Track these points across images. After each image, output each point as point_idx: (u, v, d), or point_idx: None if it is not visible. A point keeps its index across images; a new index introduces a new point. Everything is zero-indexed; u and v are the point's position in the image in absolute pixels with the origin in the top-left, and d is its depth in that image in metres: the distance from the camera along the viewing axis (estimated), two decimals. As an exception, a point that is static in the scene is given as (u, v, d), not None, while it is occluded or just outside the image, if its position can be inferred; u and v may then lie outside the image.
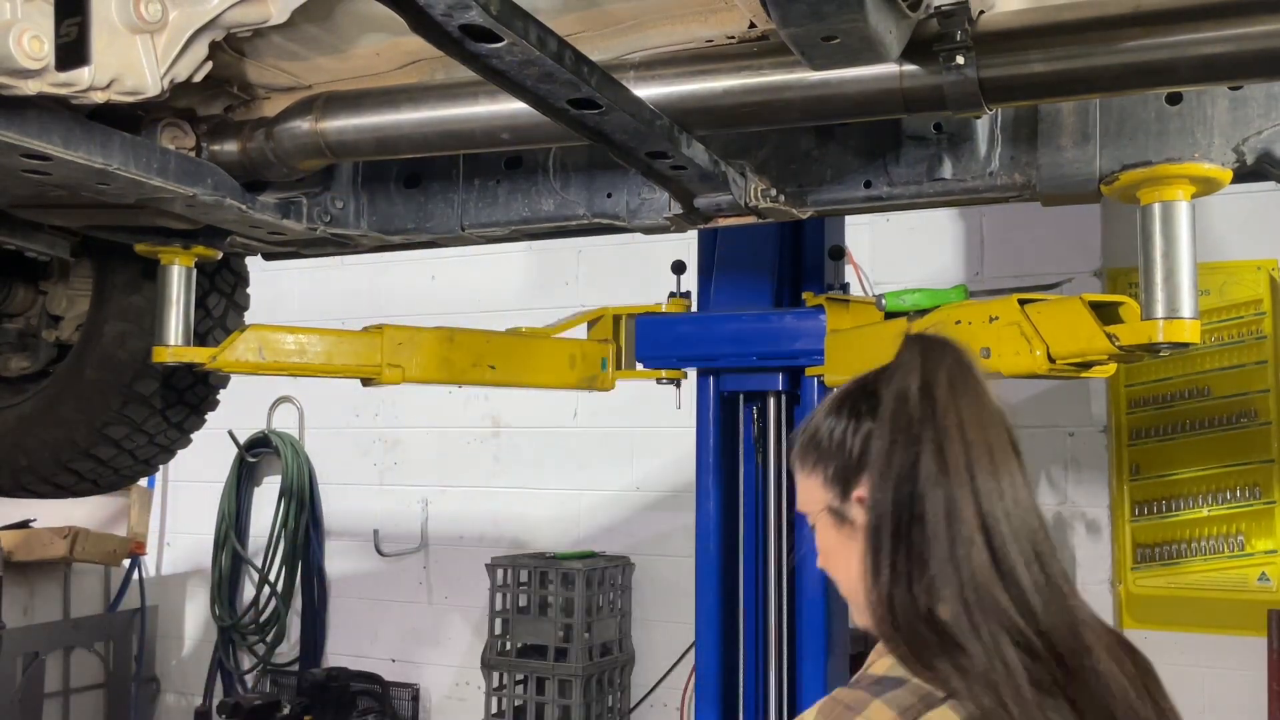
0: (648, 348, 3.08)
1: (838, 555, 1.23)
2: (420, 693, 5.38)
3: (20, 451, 2.78)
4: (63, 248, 2.63)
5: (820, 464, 1.25)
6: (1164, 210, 1.82)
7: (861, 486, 1.19)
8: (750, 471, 3.03)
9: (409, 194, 2.43)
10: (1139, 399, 3.95)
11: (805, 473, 1.27)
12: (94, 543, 5.32)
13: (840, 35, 1.34)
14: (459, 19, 1.20)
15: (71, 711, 5.37)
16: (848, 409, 1.24)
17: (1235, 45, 1.46)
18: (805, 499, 1.28)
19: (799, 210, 2.11)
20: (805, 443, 1.27)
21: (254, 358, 2.43)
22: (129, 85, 1.61)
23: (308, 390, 5.68)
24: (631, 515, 5.02)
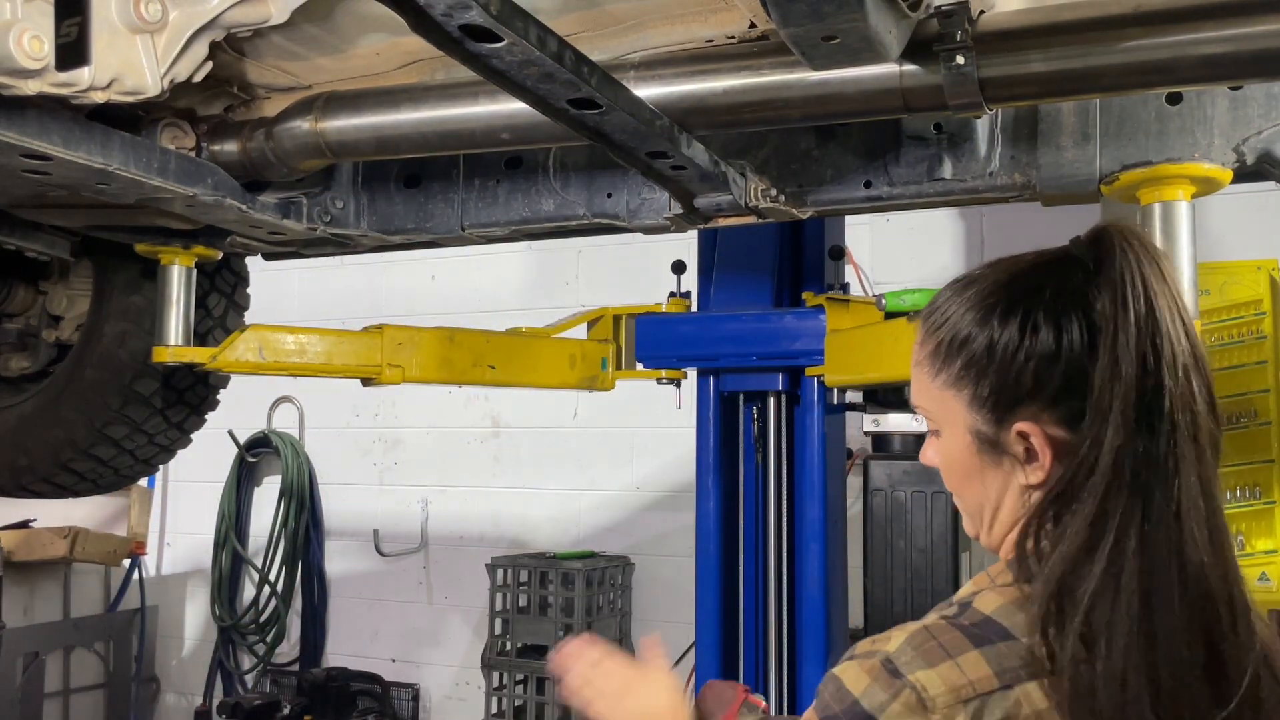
0: (648, 348, 3.08)
1: (974, 479, 1.12)
2: (420, 693, 5.38)
3: (20, 451, 2.78)
4: (63, 248, 2.63)
5: (969, 378, 1.08)
6: (1164, 210, 1.82)
7: (1027, 420, 1.05)
8: (750, 471, 3.03)
9: (409, 194, 2.43)
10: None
11: (942, 381, 1.11)
12: (94, 543, 5.32)
13: (840, 35, 1.34)
14: (459, 19, 1.20)
15: (71, 711, 5.37)
16: (1019, 318, 1.06)
17: (1235, 45, 1.46)
18: (937, 408, 1.14)
19: (799, 210, 2.11)
20: (948, 346, 1.10)
21: (254, 358, 2.43)
22: (129, 85, 1.61)
23: (308, 390, 5.68)
24: (631, 515, 5.01)
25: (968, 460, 1.12)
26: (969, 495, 1.15)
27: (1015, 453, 1.08)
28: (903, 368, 2.52)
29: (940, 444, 1.16)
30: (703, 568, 3.03)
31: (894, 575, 3.22)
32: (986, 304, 1.10)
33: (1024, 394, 1.06)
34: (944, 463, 1.16)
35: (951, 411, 1.12)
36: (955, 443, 1.13)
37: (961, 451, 1.12)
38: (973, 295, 1.12)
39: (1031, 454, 1.07)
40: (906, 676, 0.99)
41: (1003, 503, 1.11)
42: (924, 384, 1.15)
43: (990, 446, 1.10)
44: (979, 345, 1.08)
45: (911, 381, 1.18)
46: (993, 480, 1.11)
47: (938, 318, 1.14)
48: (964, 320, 1.10)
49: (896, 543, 3.12)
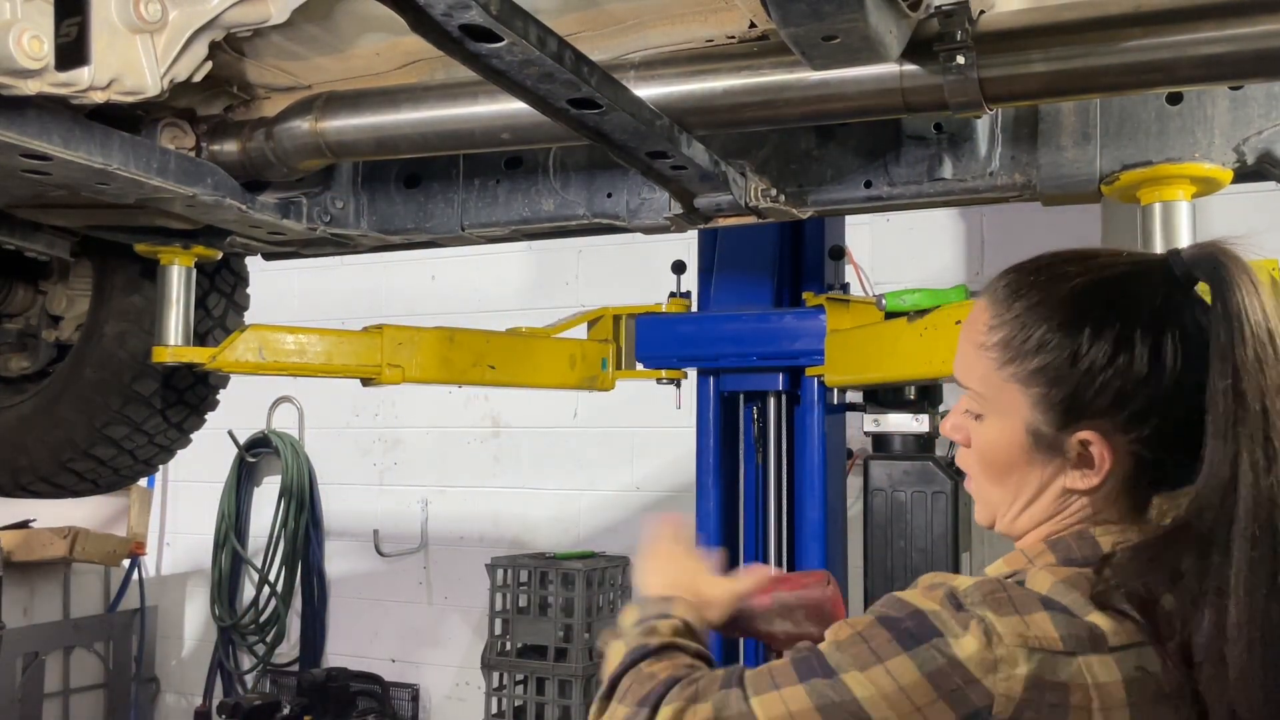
0: (648, 348, 3.08)
1: (1014, 472, 1.10)
2: (420, 693, 5.37)
3: (20, 451, 2.78)
4: (62, 248, 2.63)
5: (1042, 380, 1.06)
6: (1164, 210, 1.81)
7: (1092, 429, 1.05)
8: (750, 471, 3.03)
9: (409, 194, 2.43)
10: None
11: (1010, 374, 1.08)
12: (94, 543, 5.32)
13: (840, 35, 1.34)
14: (459, 19, 1.20)
15: (71, 712, 5.37)
16: (1112, 334, 1.04)
17: (1236, 45, 1.46)
18: (994, 395, 1.10)
19: (799, 210, 2.11)
20: (1026, 343, 1.07)
21: (254, 358, 2.43)
22: (129, 85, 1.61)
23: (308, 390, 5.68)
24: (631, 515, 5.01)
25: (1013, 454, 1.10)
26: (1000, 485, 1.13)
27: (1069, 456, 1.07)
28: (903, 368, 2.53)
29: (982, 429, 1.13)
30: (703, 568, 3.03)
31: (894, 575, 3.21)
32: (1078, 308, 1.07)
33: (1100, 407, 1.05)
34: (983, 448, 1.13)
35: (1011, 404, 1.09)
36: (1005, 434, 1.10)
37: (1009, 444, 1.10)
38: (1063, 296, 1.08)
39: (1086, 460, 1.07)
40: (974, 611, 0.98)
41: (1039, 499, 1.11)
42: (984, 369, 1.11)
43: (1044, 446, 1.08)
44: (1063, 354, 1.06)
45: (962, 356, 1.15)
46: (1034, 477, 1.10)
47: (1018, 309, 1.09)
48: (1050, 321, 1.07)
49: (897, 543, 3.12)
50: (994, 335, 1.11)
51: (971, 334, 1.14)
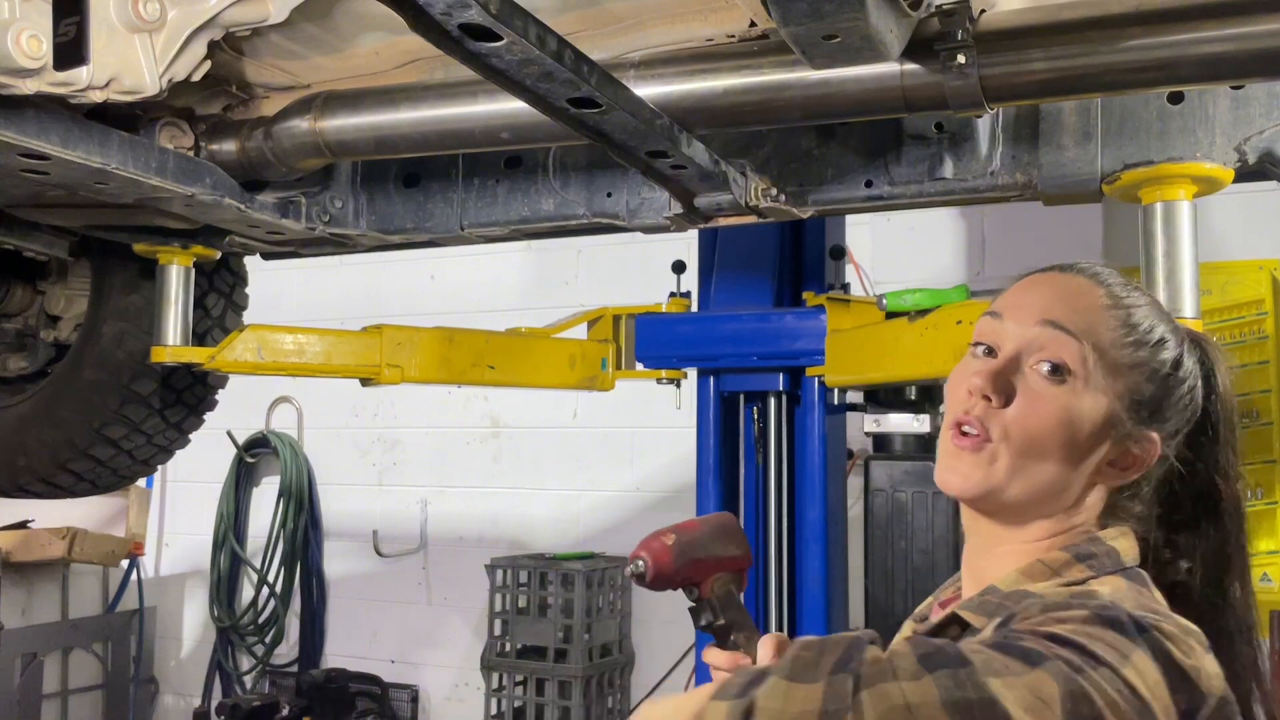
0: (648, 348, 3.08)
1: (1081, 446, 1.07)
2: (419, 694, 5.37)
3: (18, 452, 2.77)
4: (61, 247, 2.63)
5: (1140, 374, 1.08)
6: (1165, 210, 1.81)
7: (1160, 436, 1.10)
8: (750, 472, 3.02)
9: (408, 193, 2.42)
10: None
11: (1122, 355, 1.08)
12: (92, 543, 5.31)
13: (841, 34, 1.34)
14: (458, 18, 1.20)
15: (70, 712, 5.36)
16: (1196, 358, 1.14)
17: (1237, 44, 1.46)
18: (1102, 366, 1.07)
19: (799, 210, 2.11)
20: (1139, 334, 1.09)
21: (253, 358, 2.43)
22: (127, 84, 1.61)
23: (306, 390, 5.67)
24: (631, 515, 5.01)
25: (1086, 433, 1.06)
26: (1058, 461, 1.07)
27: (1130, 449, 1.09)
28: (904, 368, 2.52)
29: (1066, 394, 1.06)
30: (703, 568, 3.02)
31: (895, 576, 3.21)
32: (1177, 332, 1.14)
33: (1169, 418, 1.11)
34: (1066, 417, 1.06)
35: (1109, 383, 1.07)
36: (1087, 408, 1.06)
37: (1092, 421, 1.06)
38: (1164, 312, 1.16)
39: (1130, 458, 1.10)
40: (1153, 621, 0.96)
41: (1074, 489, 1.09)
42: (1108, 338, 1.08)
43: (1115, 433, 1.08)
44: (1167, 356, 1.10)
45: (1079, 310, 1.10)
46: (1087, 460, 1.08)
47: (1137, 299, 1.12)
48: (1166, 324, 1.13)
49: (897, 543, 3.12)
50: (1115, 314, 1.10)
51: (1086, 295, 1.11)
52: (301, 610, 5.62)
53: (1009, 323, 1.11)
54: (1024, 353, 1.08)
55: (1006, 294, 1.15)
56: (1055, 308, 1.09)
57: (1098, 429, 1.07)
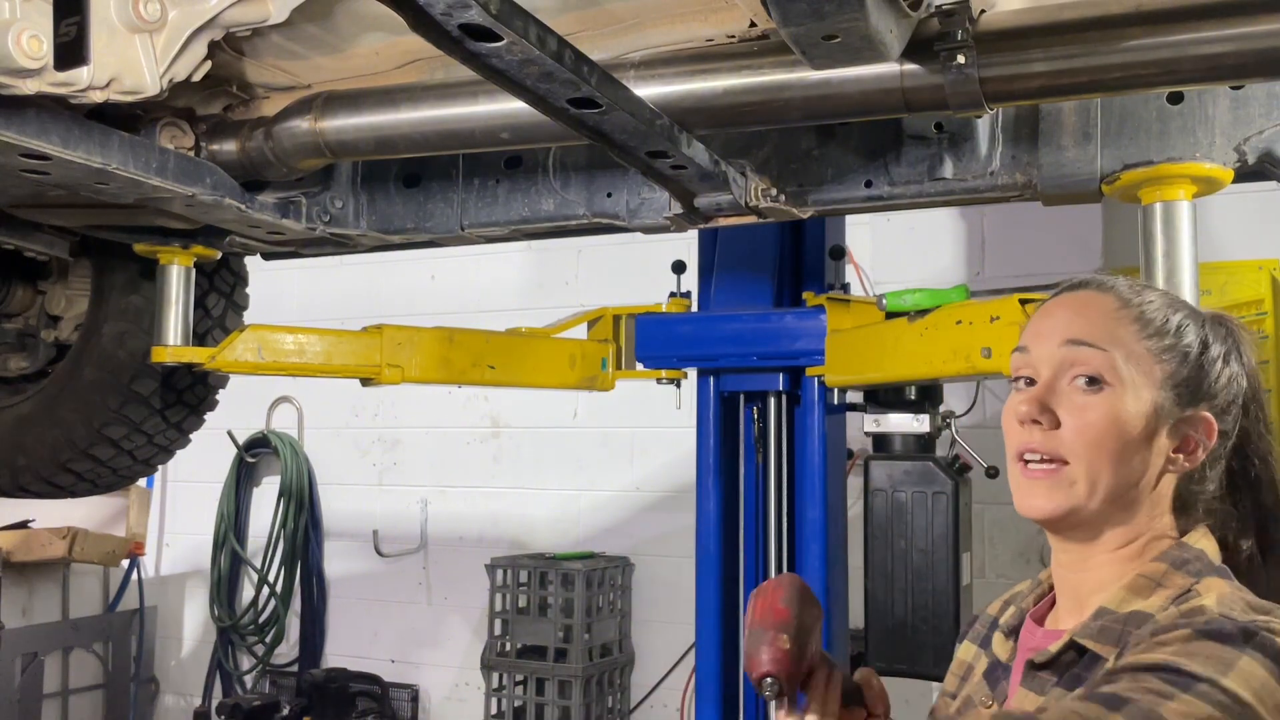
0: (648, 348, 3.07)
1: (1140, 446, 1.12)
2: (420, 693, 5.37)
3: (19, 451, 2.77)
4: (61, 247, 2.63)
5: (1173, 359, 1.14)
6: (1165, 210, 1.81)
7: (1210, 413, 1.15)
8: (750, 471, 3.02)
9: (409, 194, 2.42)
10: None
11: (1148, 347, 1.14)
12: (93, 543, 5.32)
13: (841, 34, 1.34)
14: (459, 18, 1.20)
15: (70, 712, 5.36)
16: (1222, 339, 1.18)
17: (1236, 45, 1.46)
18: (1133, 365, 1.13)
19: (799, 210, 2.11)
20: (1161, 323, 1.15)
21: (253, 358, 2.43)
22: (128, 85, 1.61)
23: (307, 390, 5.67)
24: (631, 515, 5.01)
25: (1140, 427, 1.12)
26: (1121, 464, 1.12)
27: (1187, 433, 1.14)
28: (904, 368, 2.52)
29: (1109, 400, 1.12)
30: (703, 568, 3.03)
31: (895, 576, 3.21)
32: (1197, 315, 1.19)
33: (1210, 394, 1.15)
34: (1116, 418, 1.12)
35: (1147, 376, 1.13)
36: (1134, 405, 1.12)
37: (1139, 415, 1.12)
38: (1176, 299, 1.21)
39: (1192, 443, 1.15)
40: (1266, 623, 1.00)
41: (1148, 485, 1.14)
42: (1129, 338, 1.14)
43: (1168, 421, 1.13)
44: (1197, 340, 1.16)
45: (1092, 322, 1.15)
46: (1151, 454, 1.13)
47: (1149, 298, 1.18)
48: (1182, 311, 1.18)
49: (897, 543, 3.11)
50: (1128, 312, 1.16)
51: (1093, 306, 1.17)
52: (302, 610, 5.62)
53: (1036, 351, 1.17)
54: (1058, 374, 1.15)
55: (1028, 326, 1.21)
56: (1073, 326, 1.16)
57: (1149, 421, 1.12)
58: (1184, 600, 1.08)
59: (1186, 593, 1.08)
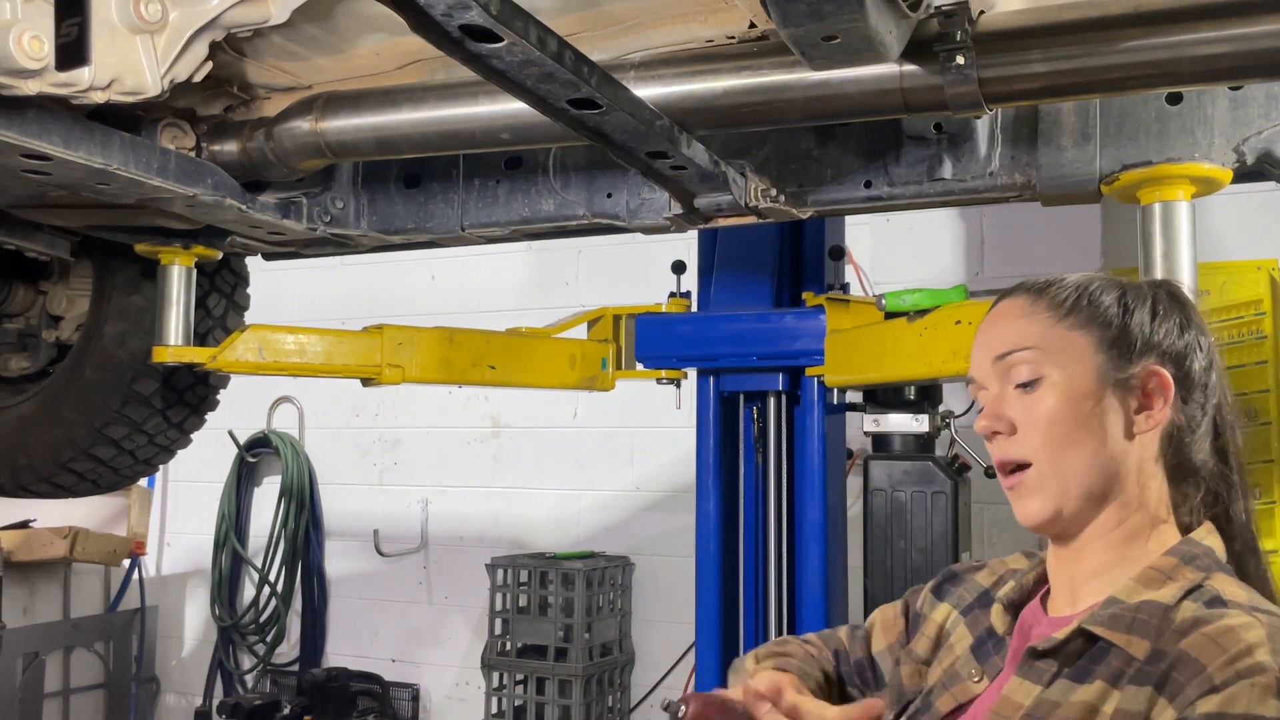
0: (648, 348, 3.08)
1: (1093, 421, 1.13)
2: (420, 693, 5.37)
3: (20, 451, 2.78)
4: (62, 248, 2.63)
5: (1098, 322, 1.15)
6: (1164, 210, 1.82)
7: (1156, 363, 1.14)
8: (750, 471, 3.03)
9: (409, 194, 2.43)
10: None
11: (1070, 323, 1.16)
12: (94, 543, 5.32)
13: (840, 35, 1.34)
14: (459, 19, 1.20)
15: (71, 711, 5.36)
16: (1148, 301, 1.18)
17: (1236, 45, 1.46)
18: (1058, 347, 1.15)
19: (799, 210, 2.11)
20: (1078, 297, 1.17)
21: (254, 358, 2.43)
22: (129, 85, 1.61)
23: (308, 390, 5.68)
24: (631, 515, 5.01)
25: (1086, 402, 1.13)
26: (1076, 447, 1.13)
27: (1135, 390, 1.14)
28: (903, 368, 2.53)
29: (1045, 392, 1.14)
30: (703, 568, 3.03)
31: (894, 575, 3.21)
32: (1111, 282, 1.20)
33: (1150, 346, 1.15)
34: (1051, 409, 1.13)
35: (1075, 350, 1.15)
36: (1074, 381, 1.14)
37: (1081, 391, 1.13)
38: (1092, 277, 1.21)
39: (1149, 399, 1.14)
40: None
41: (1120, 456, 1.13)
42: (1041, 327, 1.17)
43: (1115, 384, 1.14)
44: (1112, 300, 1.17)
45: (1008, 330, 1.18)
46: (1110, 423, 1.13)
47: (1056, 287, 1.19)
48: (1092, 283, 1.19)
49: (896, 543, 3.12)
50: (1040, 303, 1.19)
51: (1009, 313, 1.20)
52: (303, 610, 5.63)
53: (978, 374, 1.22)
54: (1002, 387, 1.18)
55: (972, 357, 1.24)
56: (996, 342, 1.19)
57: (1094, 388, 1.14)
58: (1198, 595, 1.07)
59: (1198, 587, 1.08)
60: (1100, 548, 1.15)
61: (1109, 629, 1.08)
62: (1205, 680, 0.98)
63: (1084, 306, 1.16)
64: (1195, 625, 1.03)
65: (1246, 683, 0.96)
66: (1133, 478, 1.14)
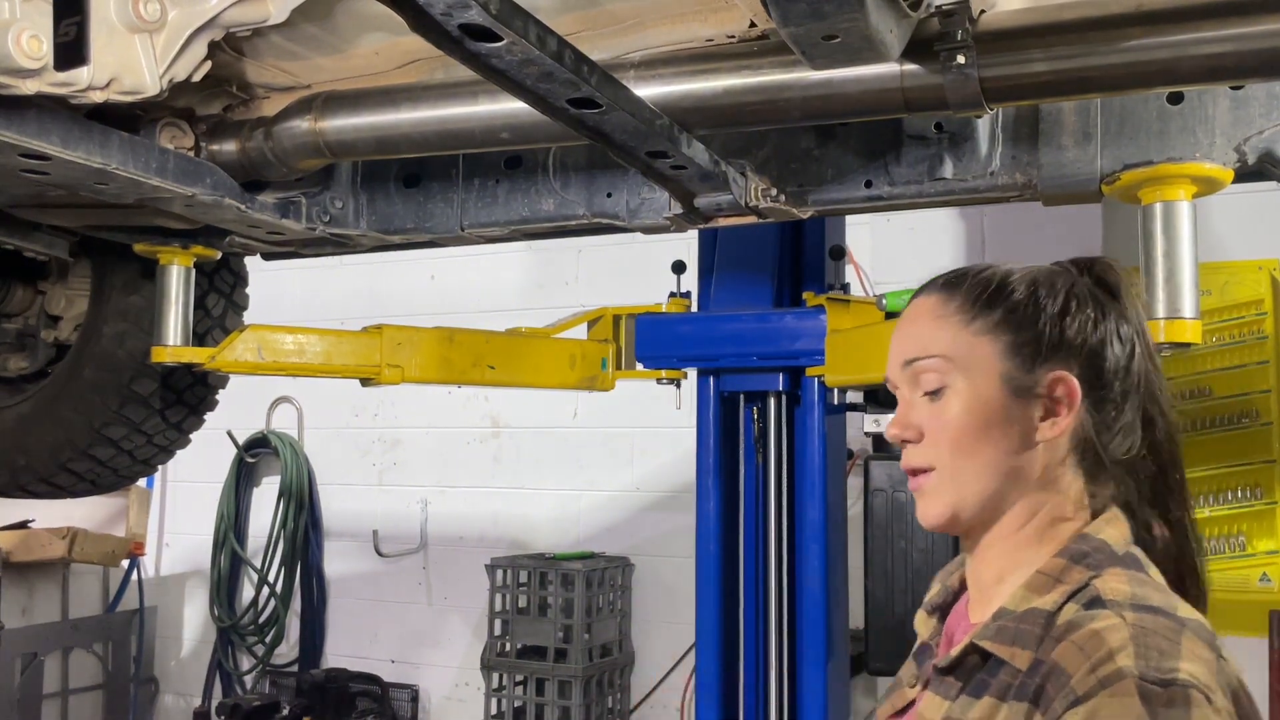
0: (648, 348, 3.08)
1: (994, 429, 1.12)
2: (420, 694, 5.37)
3: (19, 451, 2.77)
4: (61, 247, 2.62)
5: (1008, 325, 1.14)
6: (1165, 210, 1.81)
7: (1063, 369, 1.12)
8: (750, 471, 3.02)
9: (408, 194, 2.42)
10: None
11: (977, 328, 1.15)
12: (93, 543, 5.32)
13: (841, 34, 1.34)
14: (459, 18, 1.20)
15: (70, 712, 5.36)
16: (1062, 290, 1.15)
17: (1237, 45, 1.46)
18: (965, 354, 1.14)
19: (799, 210, 2.11)
20: (988, 296, 1.15)
21: (253, 358, 2.43)
22: (128, 85, 1.61)
23: (307, 390, 5.67)
24: (631, 515, 5.01)
25: (990, 410, 1.12)
26: (976, 456, 1.12)
27: (1041, 396, 1.12)
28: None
29: (950, 400, 1.14)
30: (703, 568, 3.03)
31: (894, 575, 3.21)
32: (1027, 274, 1.17)
33: (1060, 346, 1.13)
34: (956, 417, 1.13)
35: (982, 357, 1.14)
36: (979, 390, 1.13)
37: (985, 400, 1.13)
38: (1008, 268, 1.19)
39: (1055, 406, 1.12)
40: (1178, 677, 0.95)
41: (1022, 464, 1.12)
42: (950, 332, 1.16)
43: (1018, 393, 1.12)
44: (1028, 299, 1.15)
45: (917, 334, 1.18)
46: (1014, 432, 1.12)
47: (969, 282, 1.18)
48: (1006, 280, 1.17)
49: (897, 543, 3.12)
50: (951, 304, 1.18)
51: (921, 314, 1.20)
52: (302, 610, 5.62)
53: (891, 377, 1.23)
54: (911, 395, 1.19)
55: (889, 356, 1.24)
56: (906, 346, 1.20)
57: (998, 397, 1.13)
58: (1081, 596, 1.05)
59: (1084, 587, 1.06)
60: (1003, 550, 1.14)
61: (995, 642, 1.07)
62: (1070, 692, 0.97)
63: (995, 307, 1.15)
64: (1068, 632, 1.02)
65: (1107, 693, 0.95)
66: (1036, 481, 1.13)
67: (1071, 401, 1.12)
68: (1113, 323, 1.15)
